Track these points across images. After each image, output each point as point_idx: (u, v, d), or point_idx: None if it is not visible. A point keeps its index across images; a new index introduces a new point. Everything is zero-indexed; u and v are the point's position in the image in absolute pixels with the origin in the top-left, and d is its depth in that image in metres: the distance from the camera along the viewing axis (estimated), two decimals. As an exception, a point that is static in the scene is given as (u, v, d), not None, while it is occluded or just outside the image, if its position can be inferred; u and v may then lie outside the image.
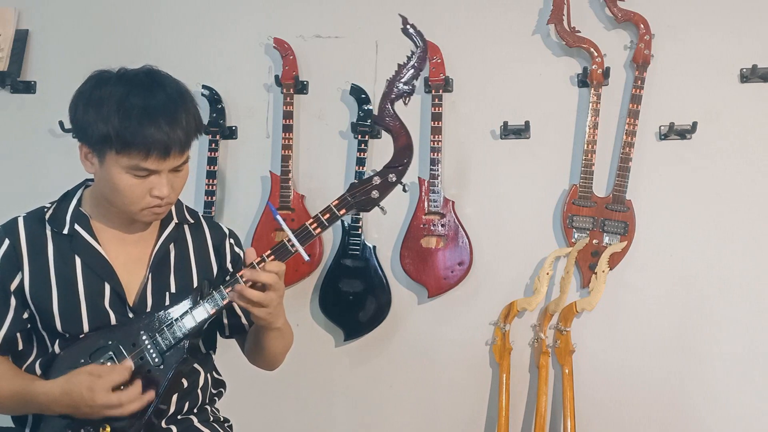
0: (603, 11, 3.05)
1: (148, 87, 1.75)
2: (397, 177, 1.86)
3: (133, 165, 1.73)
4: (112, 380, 1.72)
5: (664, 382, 2.98)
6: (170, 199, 1.81)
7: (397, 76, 1.94)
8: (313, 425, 3.19)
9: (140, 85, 1.75)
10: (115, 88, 1.74)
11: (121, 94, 1.72)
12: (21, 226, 1.87)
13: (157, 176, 1.76)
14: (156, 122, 1.70)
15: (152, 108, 1.72)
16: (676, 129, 2.96)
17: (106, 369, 1.75)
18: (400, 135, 1.90)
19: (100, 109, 1.71)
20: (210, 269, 2.00)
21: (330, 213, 1.84)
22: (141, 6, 3.31)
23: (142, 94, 1.73)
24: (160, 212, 1.84)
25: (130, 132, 1.69)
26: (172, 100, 1.75)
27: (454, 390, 3.11)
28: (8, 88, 3.29)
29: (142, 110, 1.70)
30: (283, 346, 2.02)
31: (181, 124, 1.74)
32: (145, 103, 1.71)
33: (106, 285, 1.85)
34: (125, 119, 1.70)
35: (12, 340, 1.85)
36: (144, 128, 1.69)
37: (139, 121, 1.69)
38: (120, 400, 1.71)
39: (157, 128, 1.70)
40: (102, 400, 1.70)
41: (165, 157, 1.73)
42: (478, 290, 3.08)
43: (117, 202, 1.81)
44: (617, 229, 2.95)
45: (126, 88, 1.74)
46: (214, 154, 3.16)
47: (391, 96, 1.92)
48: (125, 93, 1.72)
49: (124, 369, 1.76)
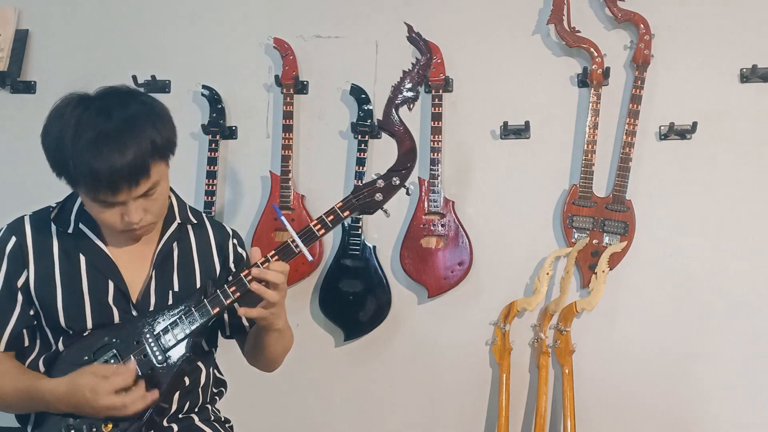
0: (603, 11, 3.05)
1: (101, 113, 1.67)
2: (401, 180, 1.87)
3: (98, 198, 1.71)
4: (116, 383, 1.72)
5: (663, 381, 2.99)
6: (146, 221, 1.78)
7: (402, 83, 1.95)
8: (313, 425, 3.19)
9: (96, 111, 1.68)
10: (71, 115, 1.68)
11: (74, 122, 1.66)
12: (27, 225, 1.89)
13: (124, 205, 1.73)
14: (100, 153, 1.63)
15: (98, 137, 1.64)
16: (676, 129, 2.97)
17: (110, 370, 1.75)
18: (404, 139, 1.91)
19: (53, 139, 1.69)
20: (213, 268, 2.00)
21: (334, 215, 1.85)
22: (141, 6, 3.31)
23: (92, 122, 1.66)
24: (142, 233, 1.84)
25: (75, 167, 1.65)
26: (119, 127, 1.66)
27: (454, 390, 3.11)
28: (8, 88, 3.29)
29: (88, 141, 1.64)
30: (282, 348, 2.02)
31: (126, 154, 1.64)
32: (93, 132, 1.64)
33: (109, 283, 1.86)
34: (72, 152, 1.65)
35: (18, 337, 1.86)
36: (87, 162, 1.63)
37: (83, 154, 1.64)
38: (123, 402, 1.72)
39: (101, 160, 1.63)
40: (105, 403, 1.71)
41: (114, 192, 1.68)
42: (478, 290, 3.09)
43: (101, 224, 1.83)
44: (617, 229, 2.96)
45: (80, 115, 1.67)
46: (214, 154, 3.16)
47: (396, 102, 1.93)
48: (77, 122, 1.66)
49: (128, 372, 1.76)
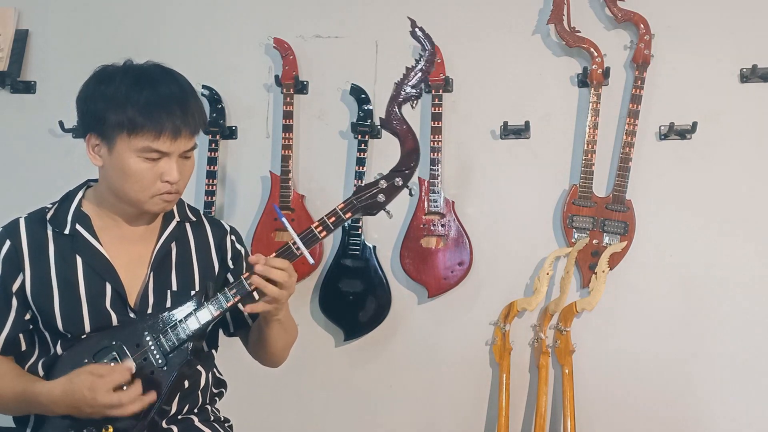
0: (603, 11, 3.05)
1: (159, 77, 1.81)
2: (404, 181, 1.85)
3: (145, 147, 1.75)
4: (114, 380, 1.72)
5: (663, 381, 2.99)
6: (179, 186, 1.83)
7: (404, 79, 1.92)
8: (313, 425, 3.19)
9: (150, 75, 1.81)
10: (125, 77, 1.79)
11: (132, 81, 1.78)
12: (22, 227, 1.87)
13: (168, 160, 1.79)
14: (168, 107, 1.76)
15: (164, 94, 1.77)
16: (676, 129, 2.97)
17: (107, 369, 1.75)
18: (407, 139, 1.88)
19: (112, 95, 1.76)
20: (211, 267, 2.00)
21: (336, 216, 1.84)
22: (141, 6, 3.30)
23: (153, 83, 1.78)
24: (170, 200, 1.85)
25: (143, 113, 1.74)
26: (183, 90, 1.82)
27: (454, 390, 3.11)
28: (8, 88, 3.29)
29: (155, 95, 1.76)
30: (286, 340, 2.02)
31: (191, 111, 1.80)
32: (157, 90, 1.77)
33: (107, 285, 1.85)
34: (137, 102, 1.74)
35: (14, 341, 1.85)
36: (156, 110, 1.74)
37: (152, 104, 1.75)
38: (120, 400, 1.71)
39: (169, 112, 1.75)
40: (103, 400, 1.70)
41: (176, 138, 1.77)
42: (478, 290, 3.09)
43: (127, 190, 1.81)
44: (617, 229, 2.96)
45: (136, 76, 1.79)
46: (214, 154, 3.16)
47: (399, 99, 1.90)
48: (136, 80, 1.78)
49: (125, 369, 1.76)
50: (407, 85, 1.91)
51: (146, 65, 1.85)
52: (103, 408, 1.71)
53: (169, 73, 1.84)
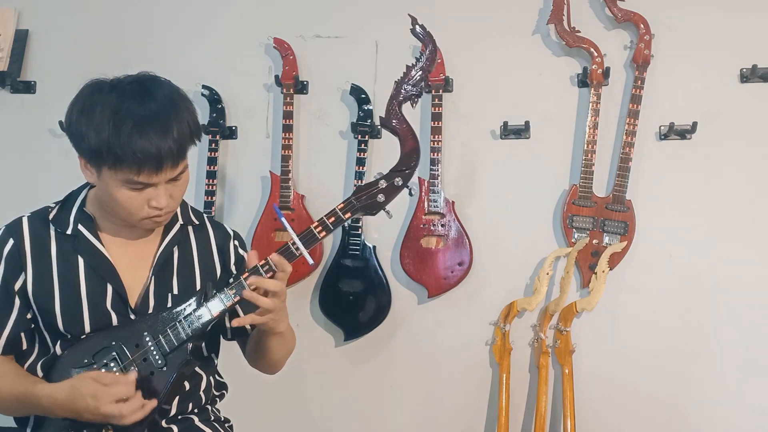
0: (603, 11, 3.05)
1: (140, 97, 1.72)
2: (404, 181, 1.84)
3: (128, 179, 1.72)
4: (118, 392, 1.71)
5: (663, 382, 2.99)
6: (170, 207, 1.81)
7: (405, 78, 1.90)
8: (313, 425, 3.19)
9: (132, 95, 1.72)
10: (107, 98, 1.71)
11: (113, 106, 1.70)
12: (25, 226, 1.87)
13: (154, 188, 1.75)
14: (146, 135, 1.67)
15: (143, 120, 1.69)
16: (676, 129, 2.97)
17: (111, 378, 1.74)
18: (407, 138, 1.86)
19: (92, 122, 1.70)
20: (213, 271, 2.00)
21: (335, 217, 1.83)
22: (141, 6, 3.30)
23: (133, 106, 1.70)
24: (161, 221, 1.84)
25: (121, 147, 1.67)
26: (163, 110, 1.72)
27: (454, 390, 3.11)
28: (8, 88, 3.29)
29: (133, 123, 1.68)
30: (284, 351, 2.02)
31: (172, 135, 1.71)
32: (136, 115, 1.69)
33: (108, 286, 1.85)
34: (116, 134, 1.67)
35: (16, 341, 1.85)
36: (134, 142, 1.67)
37: (129, 135, 1.67)
38: (122, 412, 1.70)
39: (148, 141, 1.67)
40: (105, 410, 1.69)
41: (158, 171, 1.72)
42: (478, 290, 3.09)
43: (117, 212, 1.81)
44: (617, 229, 2.96)
45: (118, 99, 1.71)
46: (214, 154, 3.16)
47: (399, 98, 1.88)
48: (117, 105, 1.70)
49: (129, 382, 1.75)
50: (408, 84, 1.89)
51: (133, 82, 1.76)
52: (103, 417, 1.71)
53: (151, 94, 1.74)
